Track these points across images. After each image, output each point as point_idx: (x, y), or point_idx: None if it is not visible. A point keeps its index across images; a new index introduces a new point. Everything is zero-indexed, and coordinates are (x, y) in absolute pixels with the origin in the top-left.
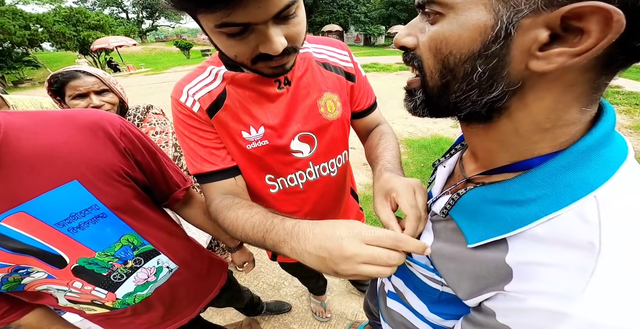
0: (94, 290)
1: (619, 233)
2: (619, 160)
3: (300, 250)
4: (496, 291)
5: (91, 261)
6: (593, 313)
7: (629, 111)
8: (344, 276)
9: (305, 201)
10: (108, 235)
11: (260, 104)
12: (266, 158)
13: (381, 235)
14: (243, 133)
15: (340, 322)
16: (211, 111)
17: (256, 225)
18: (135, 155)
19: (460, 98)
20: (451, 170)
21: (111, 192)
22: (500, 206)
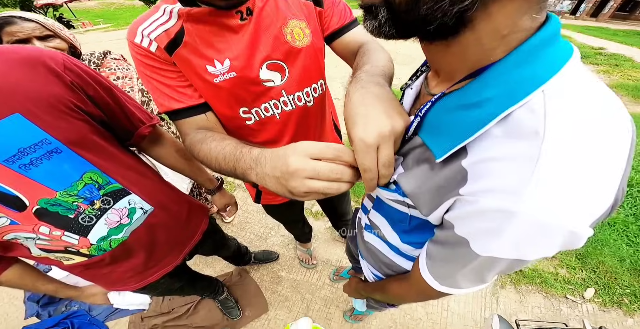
0: (64, 235)
1: (561, 120)
2: (564, 58)
3: (262, 174)
4: (454, 197)
5: (53, 202)
6: (540, 210)
7: (607, 71)
8: (300, 196)
9: (283, 132)
10: (67, 172)
11: (222, 37)
12: (236, 90)
13: (322, 147)
14: (208, 68)
15: (326, 268)
16: (170, 49)
17: (227, 155)
18: (86, 89)
19: (432, 10)
20: (417, 91)
21: (62, 126)
22: (461, 111)
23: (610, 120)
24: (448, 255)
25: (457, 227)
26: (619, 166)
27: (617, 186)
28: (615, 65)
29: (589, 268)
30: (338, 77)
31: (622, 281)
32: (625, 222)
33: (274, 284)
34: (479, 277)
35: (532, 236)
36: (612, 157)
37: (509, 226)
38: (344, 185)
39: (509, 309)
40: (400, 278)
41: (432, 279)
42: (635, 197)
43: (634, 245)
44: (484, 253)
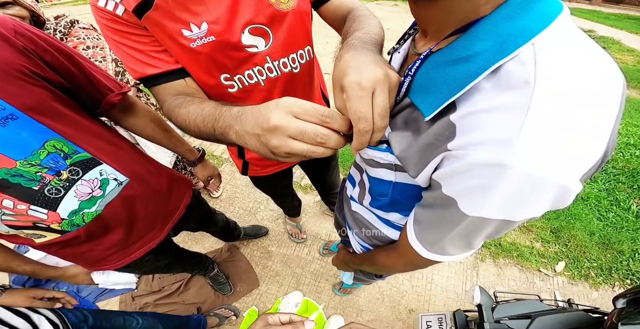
0: (29, 210)
1: (552, 70)
2: (554, 13)
3: (242, 132)
4: (442, 153)
5: (14, 172)
6: (531, 163)
7: None
8: (280, 155)
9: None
10: (26, 139)
11: (202, 2)
12: (216, 55)
13: (307, 107)
14: (184, 32)
15: (315, 242)
16: (139, 12)
17: (206, 117)
18: (43, 55)
19: None
20: (405, 54)
21: (17, 91)
22: (449, 67)
23: (601, 70)
24: (436, 218)
25: (445, 186)
26: (611, 116)
27: (609, 137)
28: (604, 48)
29: (562, 242)
30: (329, 53)
31: (591, 254)
32: (597, 197)
33: (264, 260)
34: (466, 242)
35: (522, 192)
36: (604, 106)
37: (499, 182)
38: (329, 150)
39: (487, 282)
40: (388, 248)
41: (420, 246)
42: (609, 173)
43: (604, 219)
44: (473, 214)
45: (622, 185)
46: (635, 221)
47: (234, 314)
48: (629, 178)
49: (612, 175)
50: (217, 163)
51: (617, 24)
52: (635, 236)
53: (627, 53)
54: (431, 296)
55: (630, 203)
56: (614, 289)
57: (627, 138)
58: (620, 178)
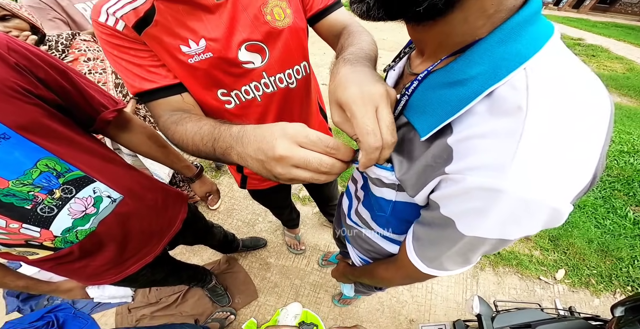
0: (22, 228)
1: (543, 95)
2: (545, 36)
3: (244, 154)
4: (439, 176)
5: (6, 192)
6: (524, 188)
7: (584, 61)
8: (285, 181)
9: (265, 115)
10: (18, 159)
11: (197, 17)
12: (213, 71)
13: (314, 138)
14: (182, 48)
15: (314, 253)
16: (139, 27)
17: (205, 136)
18: (36, 72)
19: None
20: (400, 72)
21: (9, 110)
22: (446, 89)
23: (590, 96)
24: (434, 236)
25: (443, 207)
26: (598, 141)
27: (597, 161)
28: (592, 56)
29: (561, 249)
30: (326, 64)
31: (590, 262)
32: (594, 205)
33: (263, 271)
34: (464, 258)
35: (516, 214)
36: (592, 132)
37: (494, 205)
38: (332, 176)
39: (488, 291)
40: (387, 262)
41: (419, 262)
42: (605, 181)
43: (602, 227)
44: (470, 233)
45: (618, 192)
46: (633, 228)
47: (231, 314)
48: (624, 185)
49: (608, 183)
50: (215, 175)
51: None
52: (633, 243)
53: (616, 61)
54: (431, 306)
55: (627, 211)
56: (615, 296)
57: (621, 145)
58: (615, 186)
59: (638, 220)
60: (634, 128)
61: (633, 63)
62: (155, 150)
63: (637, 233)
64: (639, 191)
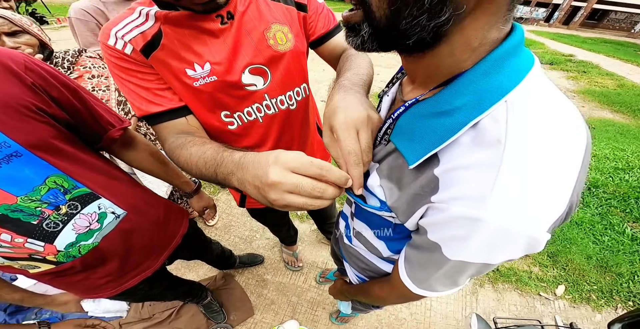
0: (27, 242)
1: (522, 129)
2: (526, 67)
3: (243, 180)
4: (427, 204)
5: (14, 208)
6: (502, 218)
7: (575, 77)
8: (280, 207)
9: (266, 136)
10: (28, 176)
11: (202, 41)
12: (217, 94)
13: (305, 163)
14: (187, 71)
15: (312, 270)
16: (146, 51)
17: (208, 160)
18: (49, 91)
19: (411, 24)
20: (393, 97)
21: (23, 128)
22: (433, 119)
23: (567, 130)
24: (423, 259)
25: (430, 233)
26: (573, 175)
27: (571, 193)
28: (584, 72)
29: (560, 265)
30: (325, 80)
31: (590, 278)
32: (591, 221)
33: (260, 288)
34: (452, 281)
35: (496, 242)
36: (566, 166)
37: (476, 233)
38: (326, 201)
39: (487, 308)
40: (382, 281)
41: (410, 283)
42: (601, 198)
43: (600, 243)
44: (454, 258)
45: (615, 209)
46: (631, 244)
47: None
48: (621, 202)
49: (604, 200)
50: (214, 191)
51: (594, 47)
52: (633, 259)
53: (606, 77)
54: (431, 324)
55: (624, 227)
56: (616, 311)
57: (615, 162)
58: (612, 203)
59: (636, 236)
60: (627, 145)
61: (623, 79)
62: (156, 166)
63: (635, 249)
64: (635, 208)
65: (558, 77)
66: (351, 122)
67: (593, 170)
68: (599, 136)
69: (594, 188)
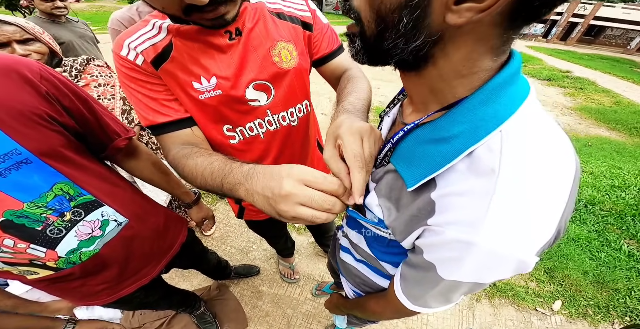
0: (29, 248)
1: (515, 159)
2: (522, 96)
3: (252, 191)
4: (423, 227)
5: (20, 214)
6: (494, 242)
7: (572, 94)
8: (286, 218)
9: (267, 151)
10: (36, 183)
11: (210, 55)
12: (221, 108)
13: (319, 177)
14: (194, 84)
15: (308, 283)
16: (156, 63)
17: (215, 171)
18: (62, 100)
19: (391, 45)
20: (394, 118)
21: (34, 136)
22: (431, 145)
23: (558, 161)
24: (419, 277)
25: (426, 253)
26: (561, 204)
27: (559, 221)
28: (580, 88)
29: (556, 281)
30: (326, 93)
31: (586, 293)
32: (588, 238)
33: (255, 299)
34: (445, 298)
35: (487, 264)
36: (555, 196)
37: (469, 255)
38: (332, 215)
39: (484, 323)
40: (377, 296)
41: (406, 299)
42: (598, 215)
43: (596, 259)
44: (449, 277)
45: (611, 226)
46: (628, 261)
47: None
48: (617, 219)
49: (601, 217)
50: (212, 201)
51: (591, 64)
52: (629, 275)
53: (602, 94)
54: None
55: (621, 244)
56: (613, 326)
57: (612, 180)
58: (608, 220)
59: (633, 253)
60: (624, 163)
61: (619, 96)
62: (158, 176)
63: (632, 265)
64: (632, 225)
65: (555, 94)
66: (356, 130)
67: (590, 187)
68: (596, 153)
69: (590, 206)
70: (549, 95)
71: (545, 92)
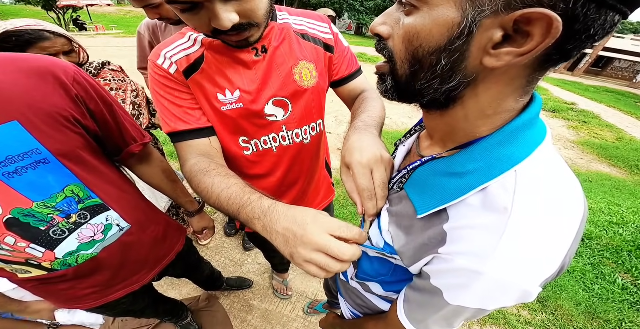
0: (28, 247)
1: (527, 200)
2: (538, 140)
3: (270, 229)
4: (433, 254)
5: (27, 212)
6: (501, 272)
7: (576, 127)
8: (297, 262)
9: (277, 165)
10: (49, 183)
11: (236, 69)
12: (240, 120)
13: (344, 227)
14: (218, 95)
15: (300, 300)
16: (187, 73)
17: (232, 197)
18: (88, 103)
19: (425, 86)
20: (409, 148)
21: (57, 137)
22: (445, 178)
23: (567, 204)
24: (424, 301)
25: (433, 278)
26: (567, 243)
27: (564, 257)
28: (584, 122)
29: (549, 310)
30: (331, 112)
31: (577, 323)
32: (583, 270)
33: (244, 313)
34: (448, 322)
35: (493, 292)
36: (562, 235)
37: (476, 283)
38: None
39: None
40: (376, 318)
41: (408, 322)
42: (594, 249)
43: (590, 290)
44: (454, 302)
45: (607, 260)
46: (621, 293)
47: None
48: (613, 254)
49: (597, 251)
50: (210, 211)
51: (596, 96)
52: (621, 307)
53: (606, 128)
54: None
55: (615, 277)
56: None
57: (610, 216)
58: (604, 254)
59: (626, 286)
60: (623, 200)
61: (622, 132)
62: (166, 183)
63: (625, 298)
64: (627, 260)
65: (559, 126)
66: (366, 162)
67: (587, 222)
68: (595, 189)
69: (587, 240)
70: (552, 127)
71: (549, 124)
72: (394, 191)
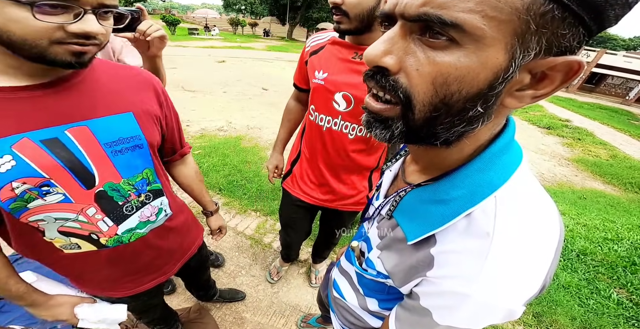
0: (101, 221)
1: (508, 224)
2: (515, 164)
3: None
4: (421, 277)
5: (115, 187)
6: (487, 295)
7: (571, 144)
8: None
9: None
10: (137, 164)
11: (334, 61)
12: (317, 93)
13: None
14: (315, 72)
15: (294, 314)
16: (312, 54)
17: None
18: (165, 109)
19: (445, 129)
20: (396, 173)
21: (150, 130)
22: (433, 205)
23: (544, 225)
24: (414, 320)
25: (422, 300)
26: (547, 263)
27: (544, 277)
28: (578, 139)
29: (544, 325)
30: None
31: None
32: (578, 285)
33: (236, 326)
34: None
35: (480, 312)
36: (542, 257)
37: (464, 305)
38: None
39: None
40: None
41: None
42: (589, 264)
43: (585, 305)
44: (443, 323)
45: (602, 275)
46: (617, 308)
47: None
48: (608, 269)
49: (592, 267)
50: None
51: (590, 113)
52: (617, 321)
53: (599, 146)
54: None
55: (610, 292)
56: None
57: (605, 233)
58: (599, 270)
59: (622, 301)
60: (618, 217)
61: (616, 149)
62: (195, 183)
63: (620, 313)
64: (623, 275)
65: (554, 143)
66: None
67: (583, 238)
68: (590, 207)
69: (582, 255)
70: (547, 145)
71: (544, 141)
72: (384, 218)
